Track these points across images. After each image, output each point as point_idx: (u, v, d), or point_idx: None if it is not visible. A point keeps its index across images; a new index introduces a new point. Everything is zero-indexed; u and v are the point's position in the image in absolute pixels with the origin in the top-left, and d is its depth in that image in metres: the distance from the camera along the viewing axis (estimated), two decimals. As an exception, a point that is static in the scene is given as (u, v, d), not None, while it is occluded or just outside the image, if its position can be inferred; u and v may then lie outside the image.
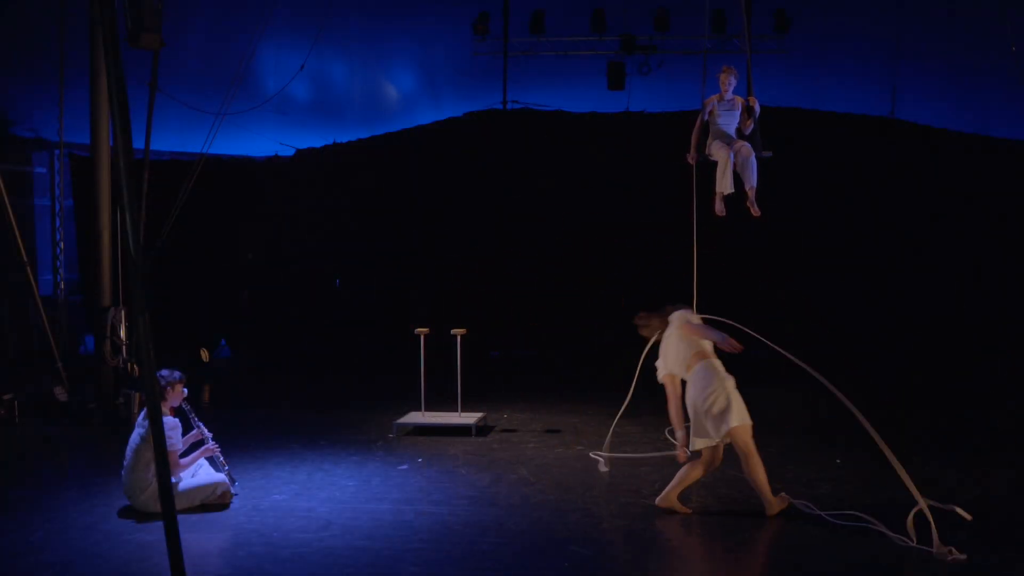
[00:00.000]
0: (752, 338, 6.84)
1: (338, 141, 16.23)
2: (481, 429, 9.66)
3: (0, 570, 5.72)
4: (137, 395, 10.36)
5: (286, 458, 8.48)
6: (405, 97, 18.06)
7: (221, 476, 7.05)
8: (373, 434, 9.55)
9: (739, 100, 9.12)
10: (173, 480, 6.52)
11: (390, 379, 13.29)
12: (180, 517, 4.77)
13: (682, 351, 6.81)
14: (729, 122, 9.14)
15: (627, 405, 8.29)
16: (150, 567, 5.71)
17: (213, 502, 6.91)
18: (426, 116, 16.69)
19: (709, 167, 9.27)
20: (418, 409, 9.95)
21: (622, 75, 15.67)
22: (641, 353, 7.63)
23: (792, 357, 6.62)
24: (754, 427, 6.61)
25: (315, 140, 16.43)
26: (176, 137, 15.59)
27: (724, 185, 9.03)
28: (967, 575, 5.56)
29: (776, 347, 6.79)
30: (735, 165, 9.01)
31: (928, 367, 13.63)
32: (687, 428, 6.81)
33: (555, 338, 15.76)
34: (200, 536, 6.32)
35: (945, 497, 6.46)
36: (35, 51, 14.54)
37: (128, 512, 6.78)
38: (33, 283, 11.04)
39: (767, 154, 9.20)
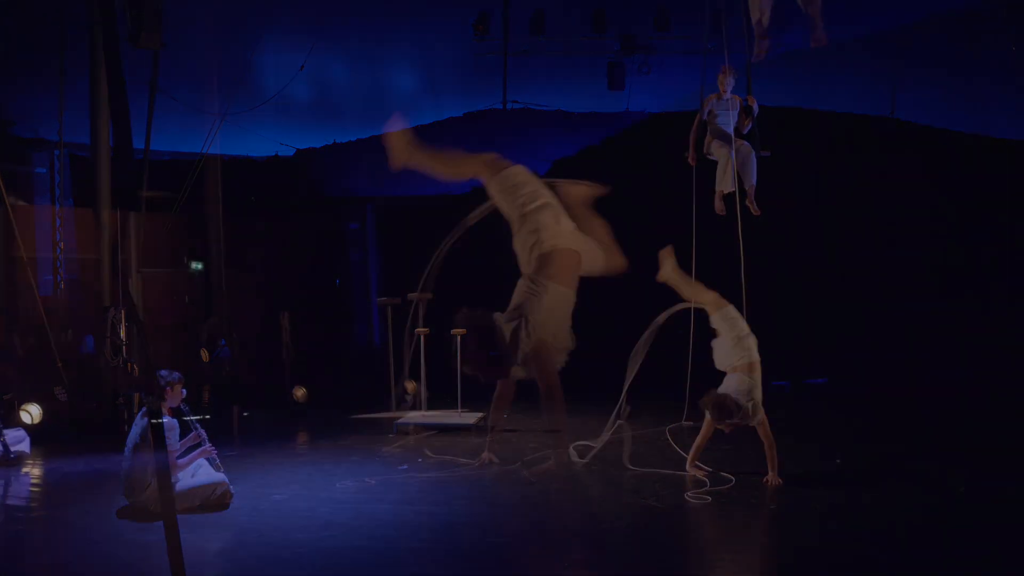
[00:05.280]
0: None
1: (338, 141, 16.21)
2: (481, 429, 9.65)
3: (0, 570, 5.71)
4: (137, 395, 10.37)
5: (286, 458, 8.47)
6: (405, 97, 18.05)
7: (221, 476, 7.04)
8: (373, 434, 9.55)
9: (737, 99, 9.15)
10: (172, 480, 6.51)
11: (390, 379, 13.25)
12: (180, 517, 4.76)
13: None
14: (727, 121, 9.17)
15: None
16: (150, 567, 5.69)
17: (213, 502, 6.90)
18: (426, 116, 16.69)
19: (709, 166, 9.29)
20: (418, 409, 9.95)
21: (622, 75, 15.66)
22: None
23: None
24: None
25: (315, 140, 16.42)
26: (176, 137, 15.60)
27: (724, 184, 9.06)
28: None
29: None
30: (735, 164, 9.04)
31: (927, 367, 13.61)
32: None
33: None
34: (200, 536, 6.30)
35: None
36: (35, 51, 14.52)
37: (128, 512, 6.78)
38: (33, 283, 11.02)
39: (766, 153, 9.24)
